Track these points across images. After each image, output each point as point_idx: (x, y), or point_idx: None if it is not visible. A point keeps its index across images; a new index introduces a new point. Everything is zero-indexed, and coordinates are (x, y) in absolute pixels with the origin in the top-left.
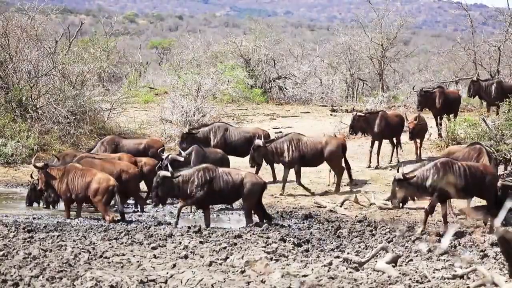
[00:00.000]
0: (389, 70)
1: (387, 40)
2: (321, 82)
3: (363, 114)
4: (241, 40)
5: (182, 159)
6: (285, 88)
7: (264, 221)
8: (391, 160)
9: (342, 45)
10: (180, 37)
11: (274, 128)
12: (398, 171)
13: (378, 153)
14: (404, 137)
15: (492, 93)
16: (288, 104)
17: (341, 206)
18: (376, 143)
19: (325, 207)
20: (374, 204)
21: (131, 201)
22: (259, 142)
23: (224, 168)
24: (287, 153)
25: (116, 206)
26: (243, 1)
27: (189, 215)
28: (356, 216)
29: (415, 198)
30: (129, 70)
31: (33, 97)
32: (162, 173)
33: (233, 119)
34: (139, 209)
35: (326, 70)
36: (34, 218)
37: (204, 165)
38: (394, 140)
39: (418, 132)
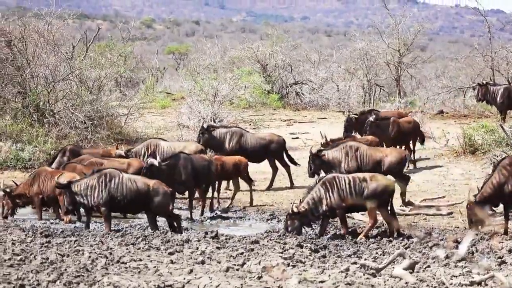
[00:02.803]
0: (406, 76)
1: (404, 45)
2: (338, 88)
3: (373, 120)
4: (258, 46)
5: (156, 163)
6: (302, 93)
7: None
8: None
9: (359, 51)
10: (197, 43)
11: (290, 134)
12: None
13: None
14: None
15: (498, 98)
16: (305, 109)
17: (358, 212)
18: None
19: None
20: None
21: None
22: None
23: (131, 175)
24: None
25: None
26: (259, 7)
27: (205, 220)
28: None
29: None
30: (146, 75)
31: (50, 102)
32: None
33: (250, 124)
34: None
35: (343, 75)
36: (51, 223)
37: (106, 170)
38: (410, 145)
39: None
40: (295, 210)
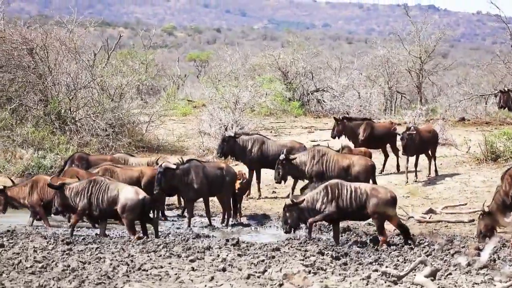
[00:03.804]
0: (427, 83)
1: (425, 53)
2: (359, 95)
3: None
4: (279, 53)
5: (174, 166)
6: (323, 101)
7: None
8: (429, 174)
9: (380, 58)
10: (218, 50)
11: (312, 141)
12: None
13: (415, 168)
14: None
15: None
16: (326, 117)
17: None
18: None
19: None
20: (413, 217)
21: (170, 214)
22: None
23: (113, 182)
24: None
25: None
26: (281, 14)
27: (227, 228)
28: (394, 229)
29: None
30: (167, 83)
31: (72, 110)
32: None
33: (271, 131)
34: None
35: (364, 83)
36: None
37: (94, 177)
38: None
39: None
40: (294, 201)
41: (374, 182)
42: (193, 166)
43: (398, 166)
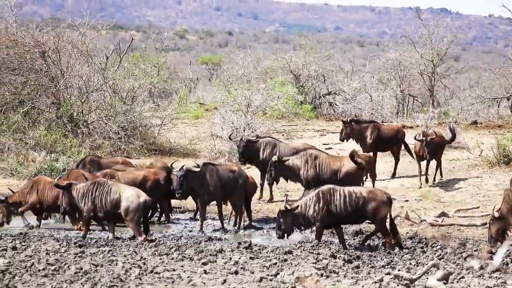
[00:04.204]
0: (439, 86)
1: (437, 56)
2: (371, 98)
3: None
4: (291, 56)
5: (197, 169)
6: (335, 104)
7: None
8: (441, 177)
9: (392, 61)
10: (230, 53)
11: (324, 144)
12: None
13: (426, 172)
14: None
15: None
16: (338, 120)
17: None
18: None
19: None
20: (425, 220)
21: (182, 217)
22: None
23: (116, 184)
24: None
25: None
26: (292, 17)
27: (239, 231)
28: (407, 232)
29: None
30: (179, 86)
31: (84, 113)
32: None
33: (282, 134)
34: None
35: (376, 86)
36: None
37: (98, 179)
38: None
39: None
40: (288, 207)
41: (362, 184)
42: (208, 170)
43: (395, 170)
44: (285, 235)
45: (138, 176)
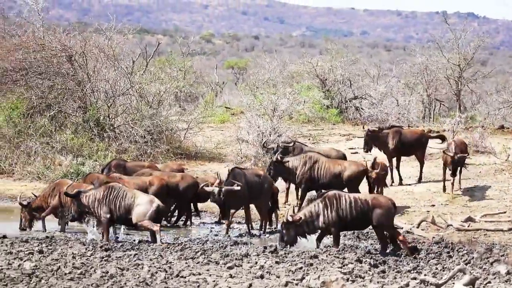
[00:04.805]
0: (466, 91)
1: (464, 60)
2: (397, 103)
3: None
4: (317, 60)
5: (238, 188)
6: (362, 108)
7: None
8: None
9: (418, 66)
10: (256, 57)
11: (350, 149)
12: None
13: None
14: None
15: None
16: (365, 124)
17: (417, 227)
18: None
19: (402, 228)
20: (451, 225)
21: (208, 221)
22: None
23: (130, 190)
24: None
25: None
26: (319, 22)
27: (265, 235)
28: (433, 237)
29: None
30: (205, 90)
31: (110, 117)
32: None
33: (309, 139)
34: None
35: (403, 90)
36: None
37: (110, 184)
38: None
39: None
40: (290, 219)
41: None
42: (236, 175)
43: (421, 175)
44: (289, 246)
45: (144, 181)
